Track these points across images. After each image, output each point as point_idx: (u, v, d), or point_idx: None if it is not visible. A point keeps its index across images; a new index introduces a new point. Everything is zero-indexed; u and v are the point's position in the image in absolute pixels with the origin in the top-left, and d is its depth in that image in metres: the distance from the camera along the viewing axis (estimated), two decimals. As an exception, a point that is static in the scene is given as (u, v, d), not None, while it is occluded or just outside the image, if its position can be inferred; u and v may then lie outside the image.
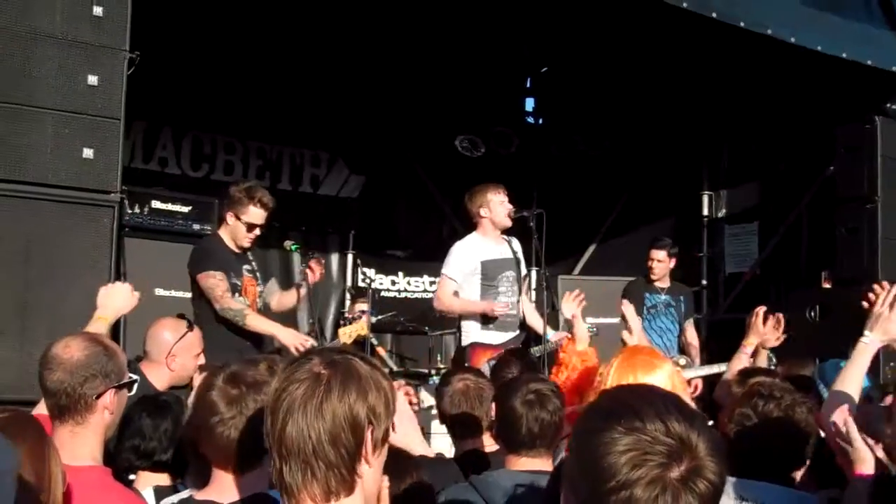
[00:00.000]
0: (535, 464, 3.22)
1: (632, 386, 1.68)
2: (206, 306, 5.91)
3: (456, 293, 6.88)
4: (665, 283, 8.65)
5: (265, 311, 6.22)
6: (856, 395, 3.35)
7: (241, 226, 6.02)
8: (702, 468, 1.53)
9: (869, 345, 3.38)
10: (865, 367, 3.38)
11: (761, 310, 4.95)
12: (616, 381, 2.98)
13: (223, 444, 2.49)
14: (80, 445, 2.80)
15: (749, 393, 3.41)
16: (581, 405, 3.58)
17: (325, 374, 1.91)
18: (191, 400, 3.67)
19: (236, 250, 6.09)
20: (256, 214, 6.03)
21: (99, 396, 2.88)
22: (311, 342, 5.81)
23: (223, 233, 6.12)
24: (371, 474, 1.94)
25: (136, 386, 3.11)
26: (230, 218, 6.05)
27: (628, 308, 5.34)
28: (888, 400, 3.07)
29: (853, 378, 3.38)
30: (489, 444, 4.13)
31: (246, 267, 6.11)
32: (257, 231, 6.10)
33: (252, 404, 2.51)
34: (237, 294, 5.97)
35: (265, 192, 6.17)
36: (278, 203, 9.35)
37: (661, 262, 8.51)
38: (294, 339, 5.84)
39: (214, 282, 5.83)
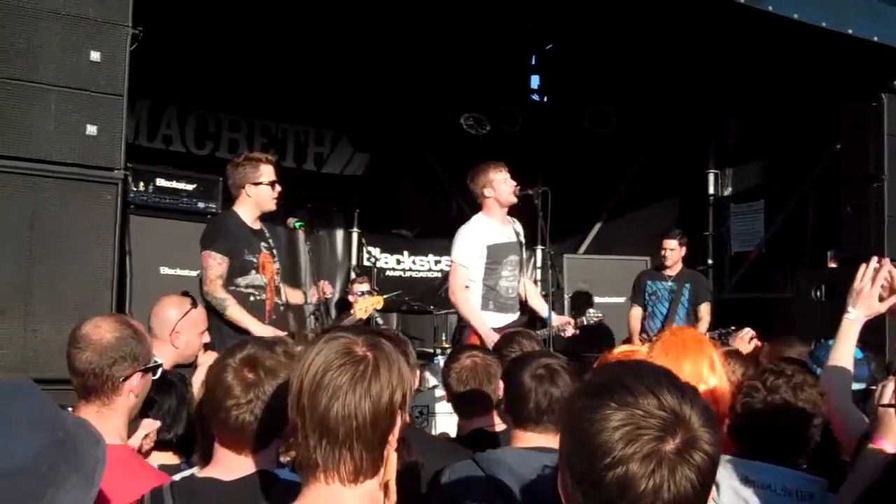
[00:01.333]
0: (541, 440, 3.14)
1: (622, 362, 1.68)
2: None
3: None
4: (674, 271, 8.92)
5: (280, 289, 6.13)
6: (849, 368, 3.35)
7: (263, 188, 5.91)
8: (696, 440, 1.53)
9: (854, 320, 3.38)
10: (854, 342, 3.38)
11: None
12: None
13: (236, 426, 2.48)
14: (105, 425, 2.78)
15: (761, 370, 3.40)
16: None
17: (369, 356, 1.94)
18: (196, 378, 3.67)
19: (254, 226, 5.99)
20: (269, 171, 5.96)
21: (126, 379, 2.90)
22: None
23: (240, 209, 5.97)
24: (390, 457, 1.99)
25: (159, 370, 3.12)
26: (249, 189, 5.91)
27: None
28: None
29: (844, 354, 3.37)
30: (497, 424, 4.11)
31: (263, 244, 5.97)
32: (278, 187, 6.01)
33: (269, 389, 2.50)
34: (253, 271, 5.84)
35: (261, 151, 6.12)
36: (283, 181, 9.36)
37: (674, 251, 8.85)
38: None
39: (212, 263, 5.70)
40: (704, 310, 8.86)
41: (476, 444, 3.73)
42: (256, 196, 5.93)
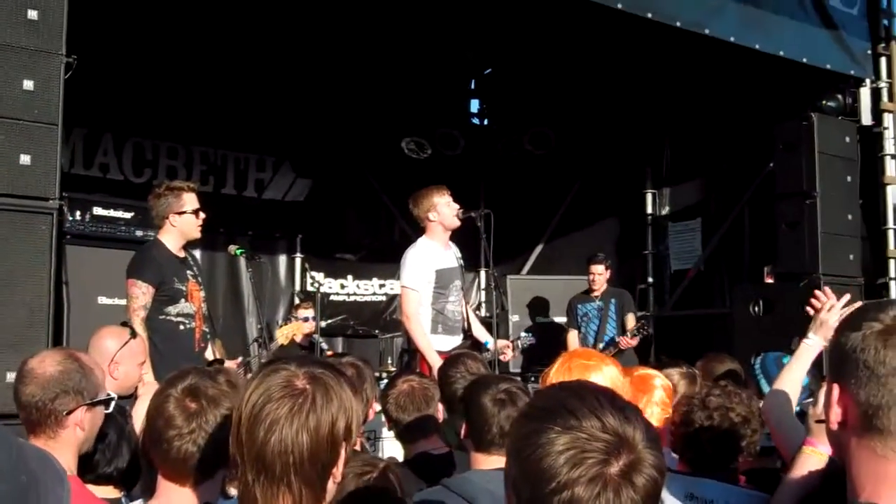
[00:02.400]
0: (503, 461, 3.18)
1: (565, 383, 1.69)
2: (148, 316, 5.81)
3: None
4: (600, 292, 9.30)
5: (207, 317, 6.10)
6: (795, 393, 3.43)
7: (187, 217, 5.89)
8: (640, 461, 1.53)
9: (812, 346, 3.49)
10: (807, 366, 3.48)
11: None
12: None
13: (179, 457, 2.44)
14: None
15: (700, 386, 3.51)
16: None
17: (308, 389, 1.91)
18: (137, 409, 3.61)
19: (180, 255, 5.97)
20: (192, 199, 5.94)
21: (70, 413, 2.85)
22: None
23: (165, 238, 5.94)
24: (333, 490, 1.95)
25: (112, 403, 3.06)
26: (173, 219, 5.89)
27: None
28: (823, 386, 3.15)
29: (795, 377, 3.46)
30: (438, 447, 4.09)
31: (189, 272, 5.97)
32: (202, 214, 5.98)
33: (212, 419, 2.46)
34: (183, 300, 5.82)
35: (182, 179, 6.21)
36: (223, 208, 9.33)
37: (601, 275, 9.26)
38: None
39: (137, 292, 5.67)
40: (630, 320, 9.13)
41: (425, 467, 3.72)
42: (181, 225, 5.90)
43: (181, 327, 5.78)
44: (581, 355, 3.39)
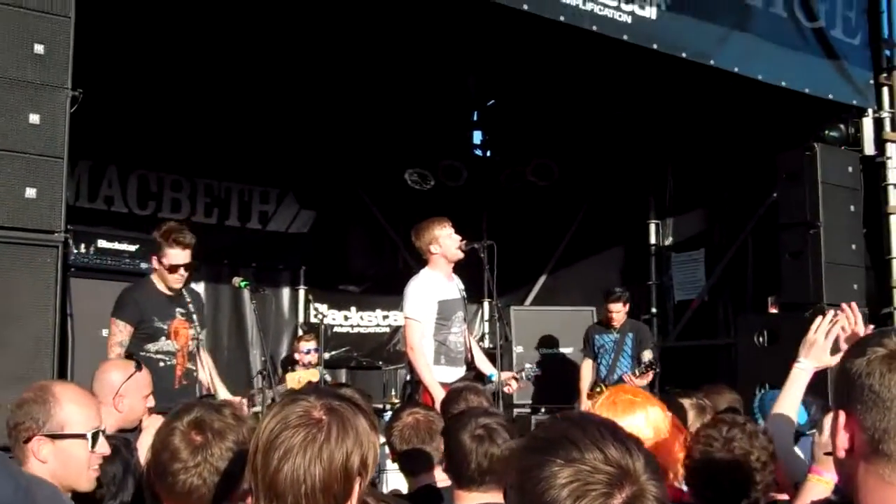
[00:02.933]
0: (485, 498, 3.16)
1: (566, 415, 1.70)
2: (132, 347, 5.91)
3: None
4: (618, 324, 9.01)
5: (195, 354, 6.13)
6: (793, 418, 3.41)
7: (163, 269, 6.01)
8: (643, 493, 1.53)
9: (803, 370, 3.45)
10: (801, 390, 3.45)
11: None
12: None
13: (185, 490, 2.43)
14: None
15: (713, 420, 3.45)
16: None
17: (325, 419, 1.91)
18: (142, 442, 3.59)
19: (169, 293, 6.05)
20: (176, 255, 5.97)
21: (27, 441, 2.87)
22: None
23: (155, 276, 6.09)
24: None
25: (99, 440, 3.03)
26: (155, 262, 6.04)
27: None
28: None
29: (790, 403, 3.43)
30: (441, 480, 4.08)
31: (179, 310, 6.05)
32: (182, 271, 6.04)
33: (217, 452, 2.46)
34: (163, 338, 5.93)
35: (183, 230, 6.11)
36: (226, 241, 9.30)
37: (618, 313, 8.96)
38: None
39: (115, 329, 5.85)
40: (647, 355, 8.93)
41: (425, 500, 3.70)
42: (160, 272, 6.03)
43: (161, 364, 5.85)
44: (628, 391, 3.35)
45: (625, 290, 9.14)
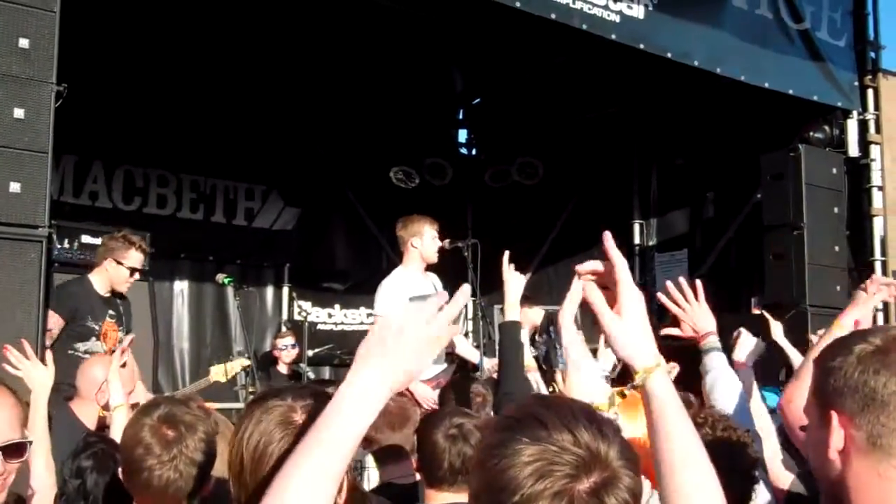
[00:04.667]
0: (456, 498, 3.15)
1: (539, 396, 1.64)
2: (54, 348, 5.80)
3: None
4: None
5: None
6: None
7: (122, 270, 6.13)
8: (614, 480, 1.42)
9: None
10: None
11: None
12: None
13: (161, 484, 2.44)
14: None
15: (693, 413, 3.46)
16: None
17: (309, 424, 1.86)
18: (112, 432, 3.57)
19: (104, 294, 6.17)
20: (137, 258, 6.16)
21: None
22: None
23: (94, 276, 6.19)
24: None
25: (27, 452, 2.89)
26: (109, 264, 6.13)
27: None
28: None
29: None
30: (406, 475, 3.97)
31: (110, 312, 6.16)
32: (137, 275, 6.25)
33: (192, 444, 2.47)
34: (94, 338, 6.01)
35: (142, 237, 6.37)
36: (211, 237, 9.27)
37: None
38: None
39: (49, 321, 5.70)
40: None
41: (392, 495, 3.62)
42: (113, 273, 6.14)
43: None
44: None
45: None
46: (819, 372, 1.67)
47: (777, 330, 5.76)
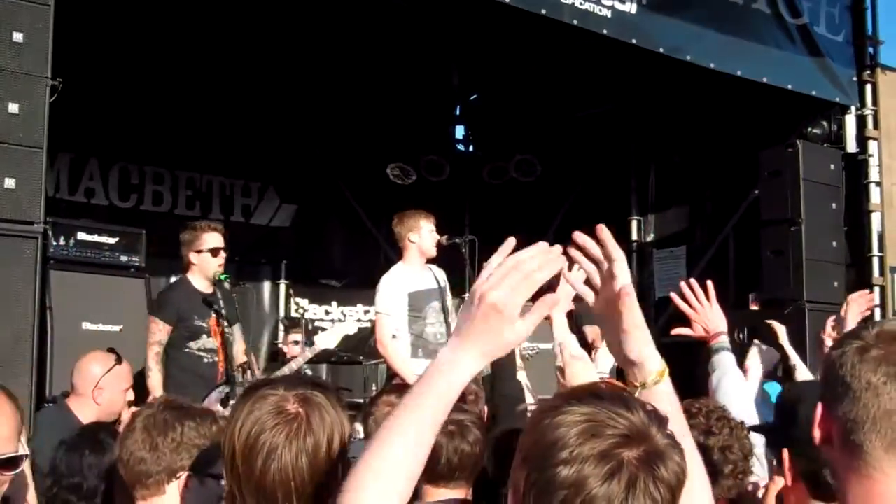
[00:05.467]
0: (452, 494, 3.15)
1: (593, 382, 1.65)
2: (171, 349, 6.06)
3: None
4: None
5: (229, 352, 6.19)
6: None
7: (206, 256, 6.18)
8: (663, 454, 1.40)
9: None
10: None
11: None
12: None
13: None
14: None
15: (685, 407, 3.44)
16: None
17: (301, 412, 1.89)
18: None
19: (205, 291, 6.20)
20: (213, 239, 6.22)
21: None
22: None
23: (190, 275, 6.26)
24: None
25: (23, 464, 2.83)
26: (193, 257, 6.20)
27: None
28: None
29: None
30: None
31: (214, 308, 6.19)
32: (223, 254, 6.26)
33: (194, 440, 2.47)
34: (205, 335, 6.08)
35: (210, 221, 6.50)
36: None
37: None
38: None
39: (154, 328, 6.02)
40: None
41: None
42: (200, 264, 6.20)
43: (204, 360, 6.07)
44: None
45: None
46: (822, 365, 1.69)
47: (783, 334, 5.80)
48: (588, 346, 6.12)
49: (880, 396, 1.52)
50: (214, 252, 6.20)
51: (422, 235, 6.85)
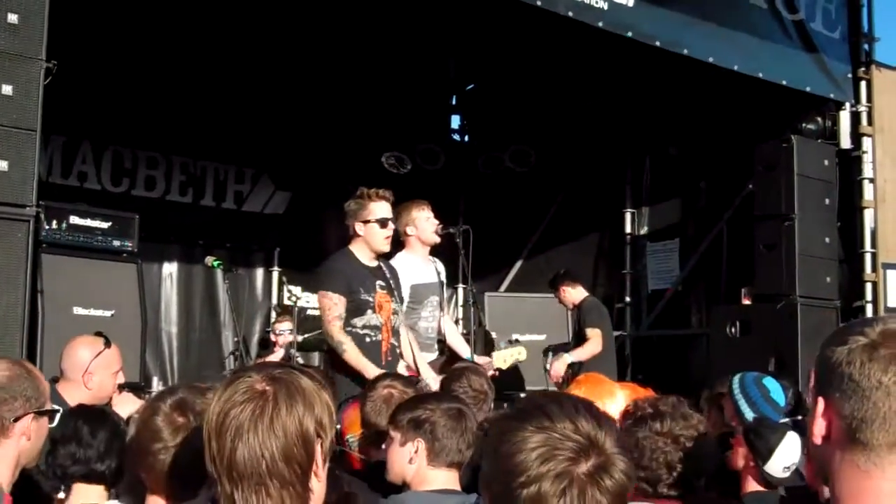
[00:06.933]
0: (439, 480, 3.20)
1: (545, 391, 1.81)
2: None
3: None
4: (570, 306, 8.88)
5: (397, 330, 5.97)
6: None
7: (373, 227, 5.83)
8: (609, 464, 1.64)
9: None
10: None
11: None
12: None
13: (165, 469, 2.44)
14: None
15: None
16: None
17: (269, 390, 1.87)
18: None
19: (369, 264, 5.89)
20: (381, 209, 5.86)
21: (17, 419, 2.76)
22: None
23: (354, 247, 5.92)
24: (320, 489, 1.93)
25: (57, 416, 2.98)
26: (359, 228, 5.85)
27: None
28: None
29: None
30: None
31: (380, 283, 5.87)
32: (391, 225, 5.93)
33: (199, 433, 2.47)
34: (370, 311, 5.77)
35: (376, 190, 5.98)
36: (200, 220, 9.16)
37: (563, 298, 8.81)
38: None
39: (328, 303, 5.66)
40: (590, 333, 8.49)
41: (375, 476, 3.61)
42: (367, 235, 5.86)
43: (367, 339, 5.74)
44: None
45: (556, 277, 8.92)
46: (817, 358, 1.68)
47: None
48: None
49: (891, 396, 1.54)
50: (383, 223, 5.83)
51: (419, 227, 6.77)
